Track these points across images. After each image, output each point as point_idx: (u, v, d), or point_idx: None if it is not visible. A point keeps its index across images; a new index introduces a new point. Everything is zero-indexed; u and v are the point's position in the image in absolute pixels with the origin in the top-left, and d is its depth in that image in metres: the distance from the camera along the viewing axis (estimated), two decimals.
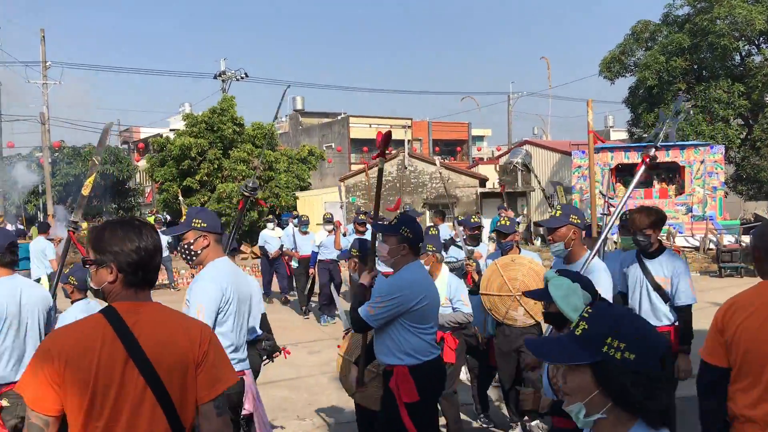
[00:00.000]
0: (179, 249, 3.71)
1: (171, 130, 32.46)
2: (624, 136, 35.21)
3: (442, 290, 5.25)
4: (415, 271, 3.86)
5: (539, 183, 26.75)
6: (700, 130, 23.34)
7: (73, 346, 2.03)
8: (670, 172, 21.41)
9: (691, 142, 21.30)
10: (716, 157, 20.37)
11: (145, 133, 46.33)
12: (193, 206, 16.97)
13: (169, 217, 23.93)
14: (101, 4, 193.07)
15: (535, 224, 6.68)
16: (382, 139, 4.20)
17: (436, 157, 18.51)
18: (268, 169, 25.39)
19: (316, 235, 12.22)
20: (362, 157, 40.23)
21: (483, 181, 26.30)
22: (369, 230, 10.65)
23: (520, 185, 26.68)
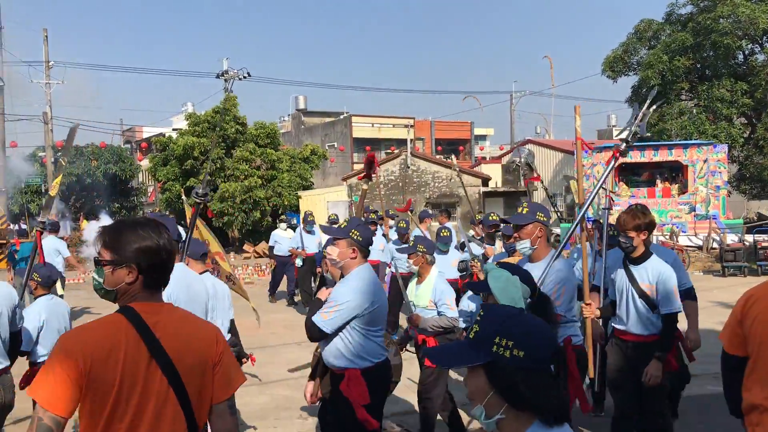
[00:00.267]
0: None
1: (174, 130, 32.51)
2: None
3: (427, 293, 5.20)
4: (365, 275, 3.86)
5: (542, 182, 26.77)
6: (703, 129, 23.31)
7: (98, 345, 2.01)
8: (674, 171, 21.38)
9: (694, 141, 21.27)
10: (719, 156, 20.33)
11: (148, 132, 46.42)
12: (154, 212, 16.90)
13: (171, 217, 23.96)
14: (102, 4, 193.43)
15: (502, 221, 6.56)
16: (367, 163, 4.26)
17: (452, 159, 18.47)
18: (271, 168, 25.41)
19: (322, 234, 12.10)
20: (364, 156, 40.26)
21: (486, 181, 26.29)
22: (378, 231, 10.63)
23: (523, 184, 26.69)
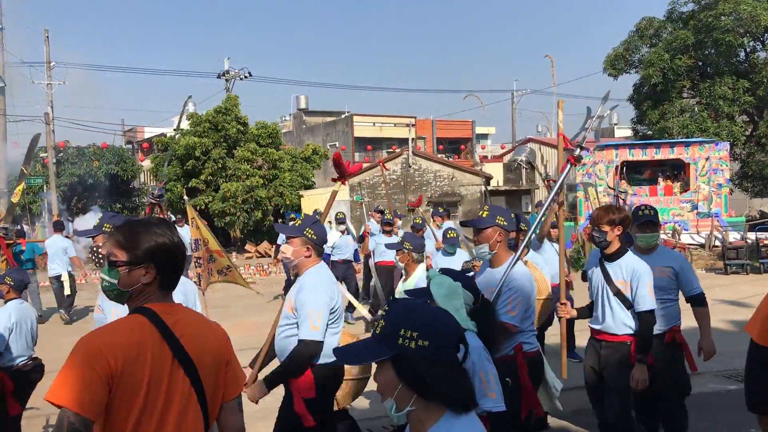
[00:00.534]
0: (91, 250, 3.89)
1: (175, 130, 32.50)
2: (628, 133, 35.12)
3: None
4: (321, 273, 3.80)
5: (543, 181, 26.75)
6: (705, 127, 23.26)
7: (128, 345, 1.98)
8: (675, 170, 21.35)
9: (696, 139, 21.23)
10: (721, 154, 20.29)
11: (149, 132, 46.43)
12: (108, 211, 16.78)
13: (174, 218, 23.96)
14: (104, 5, 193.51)
15: (461, 224, 6.47)
16: (335, 164, 4.24)
17: (478, 166, 18.46)
18: (272, 168, 25.40)
19: (328, 236, 11.84)
20: (366, 155, 40.22)
21: (488, 179, 26.28)
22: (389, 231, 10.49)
23: (525, 183, 26.66)
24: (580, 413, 5.43)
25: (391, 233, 10.19)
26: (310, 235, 3.77)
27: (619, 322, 4.27)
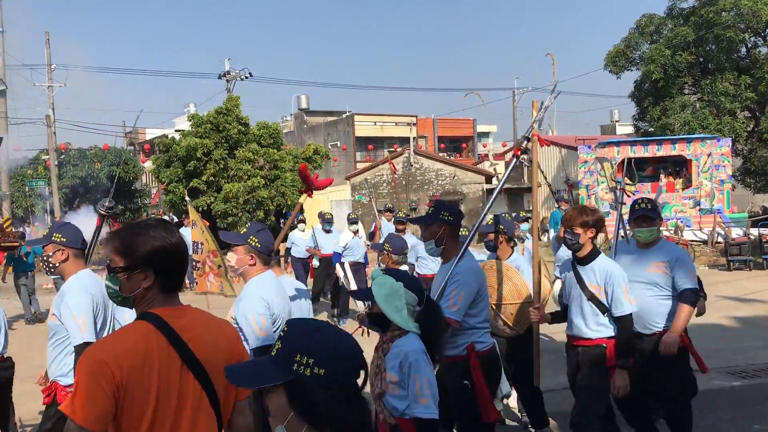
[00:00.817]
0: (41, 259, 3.90)
1: (176, 131, 32.53)
2: (630, 130, 35.08)
3: None
4: (265, 282, 3.71)
5: (545, 178, 26.75)
6: (707, 123, 23.22)
7: (131, 354, 1.94)
8: (677, 166, 21.33)
9: (697, 135, 21.21)
10: (723, 150, 20.26)
11: (151, 134, 46.50)
12: (58, 221, 16.69)
13: (176, 218, 23.99)
14: (105, 6, 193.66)
15: (410, 221, 6.39)
16: (302, 177, 4.23)
17: (492, 165, 18.33)
18: (274, 168, 25.42)
19: (340, 235, 11.61)
20: (368, 155, 40.22)
21: (489, 178, 26.27)
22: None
23: (526, 181, 26.65)
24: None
25: (404, 231, 10.01)
26: (254, 243, 3.70)
27: (593, 327, 4.16)
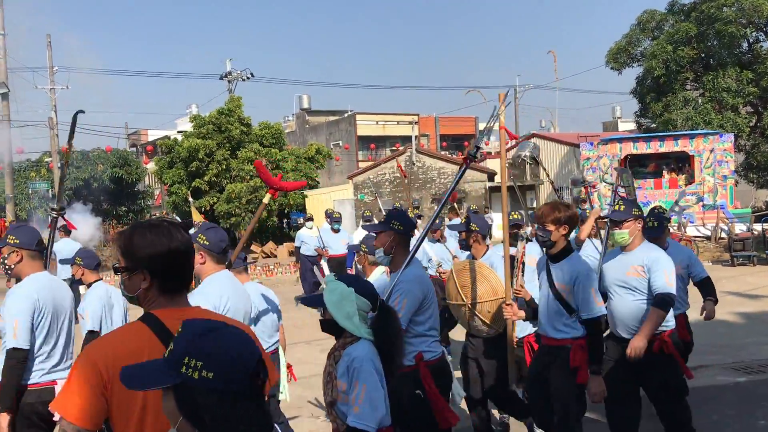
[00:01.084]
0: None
1: (179, 132, 32.58)
2: (632, 126, 35.05)
3: None
4: (219, 281, 3.63)
5: (548, 176, 26.77)
6: (709, 119, 23.18)
7: (122, 354, 1.95)
8: (680, 162, 21.30)
9: (700, 131, 21.17)
10: (726, 146, 20.24)
11: (153, 135, 46.55)
12: (13, 223, 16.61)
13: (179, 219, 24.02)
14: (105, 6, 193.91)
15: (363, 227, 6.28)
16: (258, 173, 4.18)
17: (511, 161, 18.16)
18: (276, 168, 25.44)
19: (354, 234, 11.45)
20: (370, 154, 40.22)
21: (491, 176, 26.25)
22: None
23: (529, 179, 26.64)
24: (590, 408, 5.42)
25: (414, 232, 9.86)
26: (202, 242, 3.62)
27: (558, 327, 4.06)
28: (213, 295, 3.50)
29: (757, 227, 17.62)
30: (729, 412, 5.60)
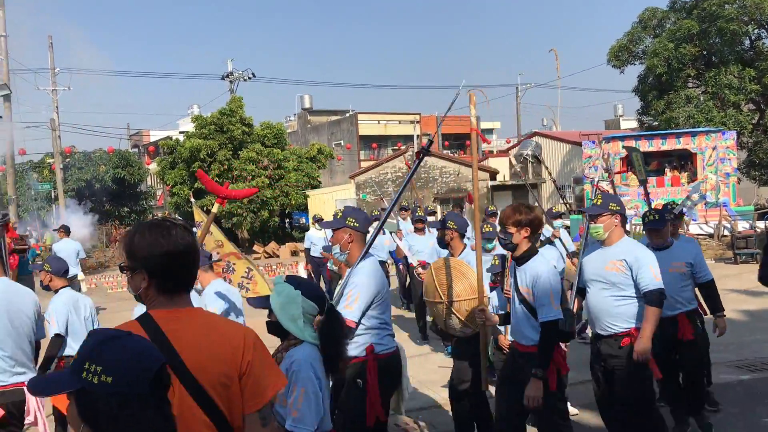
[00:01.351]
0: None
1: (180, 133, 32.59)
2: (634, 124, 34.98)
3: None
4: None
5: (550, 174, 26.73)
6: (711, 116, 23.14)
7: None
8: (682, 160, 21.25)
9: (702, 129, 21.12)
10: (728, 143, 20.18)
11: (155, 136, 46.59)
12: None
13: (181, 220, 24.03)
14: (106, 7, 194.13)
15: (321, 225, 6.23)
16: (203, 183, 4.15)
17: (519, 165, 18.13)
18: (278, 168, 25.45)
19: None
20: (372, 154, 40.21)
21: (493, 174, 26.24)
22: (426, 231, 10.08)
23: (531, 177, 26.62)
24: (589, 407, 5.41)
25: (424, 231, 9.63)
26: None
27: (526, 332, 3.99)
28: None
29: (760, 224, 17.57)
30: (732, 409, 5.58)
